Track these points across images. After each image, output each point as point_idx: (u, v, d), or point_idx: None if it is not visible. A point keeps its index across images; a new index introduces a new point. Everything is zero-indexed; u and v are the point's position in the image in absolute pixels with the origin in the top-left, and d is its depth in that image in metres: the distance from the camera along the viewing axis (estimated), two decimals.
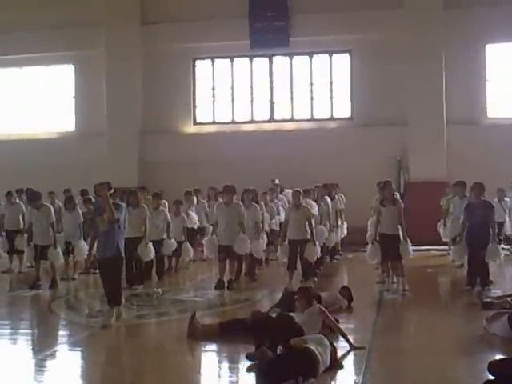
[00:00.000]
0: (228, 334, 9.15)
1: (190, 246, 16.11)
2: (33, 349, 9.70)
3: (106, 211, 10.29)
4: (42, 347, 9.52)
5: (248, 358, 7.94)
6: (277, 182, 19.75)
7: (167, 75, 23.93)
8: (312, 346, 7.38)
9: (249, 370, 7.69)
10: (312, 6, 22.59)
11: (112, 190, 10.75)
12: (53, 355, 9.00)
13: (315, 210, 14.90)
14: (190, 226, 16.70)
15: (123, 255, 10.69)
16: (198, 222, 17.45)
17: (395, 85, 22.19)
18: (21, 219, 16.60)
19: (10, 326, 11.06)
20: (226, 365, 8.55)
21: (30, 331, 10.86)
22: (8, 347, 9.84)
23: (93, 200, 16.77)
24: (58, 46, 24.30)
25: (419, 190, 20.99)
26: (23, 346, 9.97)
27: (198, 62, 24.54)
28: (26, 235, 15.37)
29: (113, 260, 10.40)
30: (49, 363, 8.75)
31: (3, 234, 16.93)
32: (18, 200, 17.27)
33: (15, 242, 16.32)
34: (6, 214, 16.97)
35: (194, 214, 17.36)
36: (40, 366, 8.51)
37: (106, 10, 23.81)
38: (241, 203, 14.20)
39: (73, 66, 25.15)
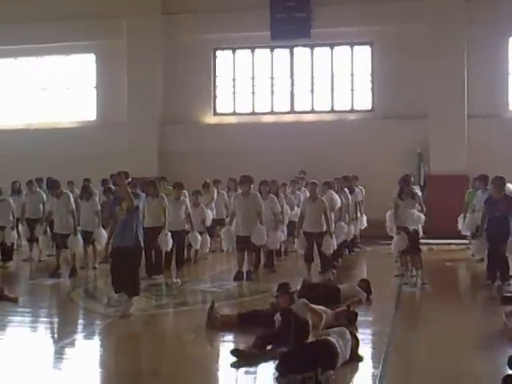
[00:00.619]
0: (246, 324, 9.16)
1: (208, 238, 16.11)
2: (52, 337, 9.82)
3: (125, 200, 10.22)
4: (62, 335, 9.62)
5: (232, 353, 7.93)
6: (302, 174, 19.59)
7: (188, 66, 23.94)
8: (333, 339, 7.39)
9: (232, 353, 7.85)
10: None
11: (129, 179, 10.79)
12: (72, 344, 9.07)
13: (338, 202, 14.85)
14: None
15: (142, 244, 10.56)
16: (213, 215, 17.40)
17: (416, 77, 22.06)
18: (41, 208, 16.72)
19: (30, 314, 11.14)
20: None
21: (49, 319, 10.92)
22: (28, 335, 9.91)
23: (113, 189, 16.92)
24: (80, 36, 24.38)
25: (440, 183, 20.89)
26: (43, 334, 10.07)
27: (218, 53, 24.53)
28: (44, 223, 15.44)
29: (132, 249, 10.26)
30: (68, 351, 8.82)
31: (24, 222, 17.03)
32: (38, 189, 17.38)
33: (35, 230, 16.42)
34: (26, 203, 17.07)
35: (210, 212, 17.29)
36: (59, 354, 8.59)
37: (127, 0, 23.81)
38: (258, 194, 14.17)
39: (94, 56, 25.20)
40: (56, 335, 9.86)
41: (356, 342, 7.81)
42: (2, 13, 24.79)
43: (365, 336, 8.69)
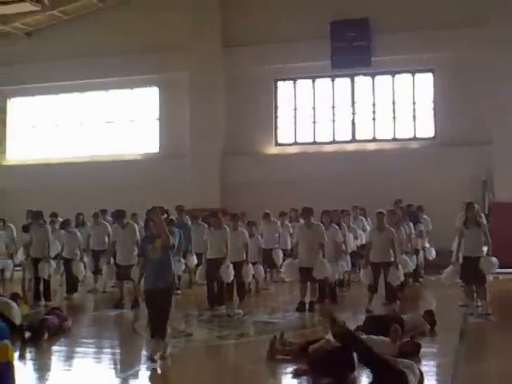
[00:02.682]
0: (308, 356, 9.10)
1: (262, 268, 16.02)
2: (115, 368, 9.89)
3: (161, 237, 9.54)
4: (125, 367, 9.72)
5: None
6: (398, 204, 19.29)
7: (249, 97, 24.14)
8: (407, 373, 7.31)
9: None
10: (393, 25, 22.42)
11: (165, 215, 10.40)
12: (135, 375, 9.14)
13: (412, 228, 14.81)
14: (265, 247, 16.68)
15: (175, 284, 10.10)
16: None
17: (479, 103, 21.77)
18: (106, 239, 16.94)
19: (94, 345, 11.30)
20: None
21: (113, 350, 11.05)
22: (92, 366, 10.04)
23: (175, 221, 17.09)
24: (144, 70, 24.86)
25: (505, 210, 20.46)
26: (107, 364, 10.18)
27: (279, 83, 24.69)
28: (108, 254, 15.64)
29: (168, 290, 9.66)
30: (131, 383, 8.89)
31: (90, 253, 17.30)
32: (103, 221, 17.64)
33: (100, 262, 16.66)
34: (91, 234, 17.34)
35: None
36: None
37: (189, 34, 24.16)
38: (321, 224, 14.13)
39: (157, 89, 25.62)
40: (119, 366, 9.95)
41: (421, 377, 7.70)
42: (67, 49, 25.45)
43: (429, 368, 8.57)
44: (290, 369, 9.04)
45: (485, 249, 12.98)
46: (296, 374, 8.50)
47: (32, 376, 9.44)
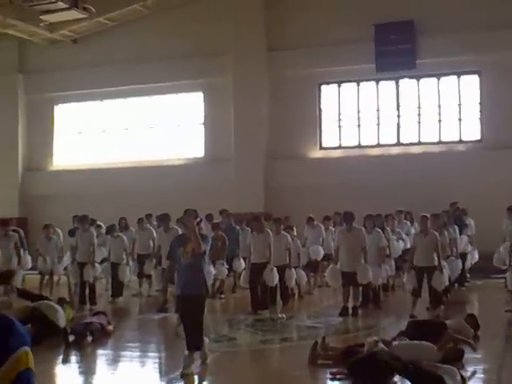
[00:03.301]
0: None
1: (303, 272, 16.03)
2: (160, 372, 9.95)
3: (192, 242, 9.10)
4: (169, 370, 9.75)
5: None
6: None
7: (293, 101, 24.11)
8: (447, 379, 7.23)
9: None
10: (438, 27, 22.23)
11: (199, 219, 9.97)
12: (178, 379, 9.16)
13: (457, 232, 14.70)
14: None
15: (208, 293, 9.73)
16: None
17: None
18: (151, 243, 17.08)
19: (138, 349, 11.40)
20: None
21: (157, 354, 11.14)
22: (137, 369, 10.14)
23: (221, 226, 17.18)
24: (188, 75, 25.03)
25: None
26: (151, 368, 10.25)
27: (323, 87, 24.63)
28: (154, 260, 15.79)
29: (200, 298, 9.29)
30: None
31: (135, 258, 17.47)
32: (148, 225, 17.78)
33: (144, 266, 16.81)
34: (136, 239, 17.51)
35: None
36: None
37: (233, 39, 24.27)
38: (362, 228, 14.06)
39: (202, 94, 25.76)
40: (163, 370, 10.01)
41: (463, 383, 7.61)
42: (113, 55, 25.75)
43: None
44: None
45: None
46: (334, 377, 8.48)
47: (77, 379, 9.58)
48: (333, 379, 8.56)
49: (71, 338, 11.07)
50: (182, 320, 9.57)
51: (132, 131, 26.81)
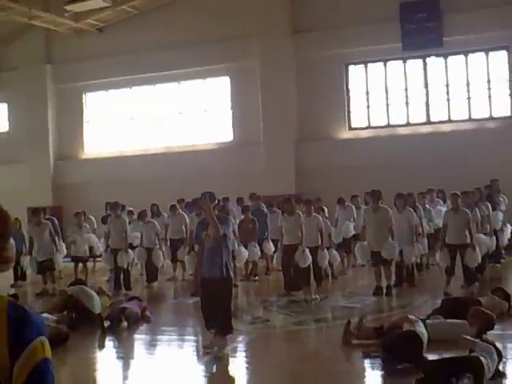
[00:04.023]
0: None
1: (336, 252, 16.05)
2: (196, 354, 10.04)
3: (210, 226, 9.21)
4: (205, 352, 9.82)
5: None
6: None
7: (320, 82, 24.01)
8: (483, 358, 7.22)
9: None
10: (464, 4, 21.94)
11: (216, 201, 9.91)
12: (214, 360, 9.24)
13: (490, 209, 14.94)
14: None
15: (232, 276, 9.70)
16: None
17: None
18: (183, 229, 17.20)
19: (175, 333, 11.54)
20: (378, 372, 8.39)
21: (194, 337, 11.23)
22: (174, 352, 10.28)
23: (250, 208, 17.25)
24: (214, 60, 25.03)
25: None
26: (188, 351, 10.36)
27: (350, 68, 24.50)
28: (187, 245, 15.92)
29: (220, 281, 9.25)
30: (211, 368, 9.05)
31: (168, 243, 17.61)
32: (180, 211, 17.89)
33: (178, 251, 16.95)
34: (169, 225, 17.64)
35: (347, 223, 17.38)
36: (204, 372, 8.84)
37: (258, 22, 24.19)
38: (388, 208, 14.00)
39: (228, 79, 25.76)
40: (199, 352, 10.10)
41: (499, 356, 7.58)
42: (138, 43, 25.81)
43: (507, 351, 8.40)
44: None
45: None
46: (367, 356, 8.52)
47: (114, 364, 9.72)
48: (366, 357, 8.59)
49: (106, 323, 11.22)
50: (201, 303, 9.62)
51: (161, 118, 26.88)
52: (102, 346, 10.89)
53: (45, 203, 23.77)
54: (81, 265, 17.63)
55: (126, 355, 10.19)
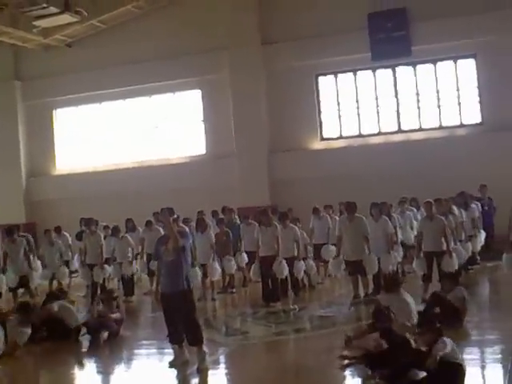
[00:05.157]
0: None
1: (312, 262, 16.06)
2: (176, 367, 9.97)
3: (171, 239, 9.31)
4: (185, 366, 9.76)
5: None
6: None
7: (291, 93, 24.11)
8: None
9: None
10: (431, 13, 22.13)
11: (175, 216, 10.13)
12: (194, 374, 9.20)
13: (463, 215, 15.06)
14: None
15: (191, 288, 9.59)
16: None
17: None
18: None
19: (154, 346, 11.46)
20: (358, 381, 8.37)
21: (172, 351, 11.14)
22: (154, 366, 10.20)
23: (225, 221, 17.24)
24: (185, 73, 25.04)
25: None
26: (167, 365, 10.27)
27: (320, 78, 24.61)
28: None
29: (183, 295, 9.30)
30: (192, 381, 9.01)
31: (144, 257, 17.50)
32: (156, 225, 17.77)
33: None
34: (145, 239, 17.48)
35: None
36: None
37: (228, 34, 24.24)
38: (363, 217, 14.07)
39: (200, 91, 25.74)
40: (179, 365, 10.03)
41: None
42: (108, 57, 25.74)
43: (490, 355, 8.45)
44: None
45: None
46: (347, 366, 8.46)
47: (94, 379, 9.65)
48: (346, 367, 8.55)
49: (84, 336, 11.19)
50: (165, 316, 9.63)
51: (133, 132, 26.79)
52: (80, 362, 10.79)
53: (18, 220, 23.60)
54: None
55: (104, 370, 10.11)
